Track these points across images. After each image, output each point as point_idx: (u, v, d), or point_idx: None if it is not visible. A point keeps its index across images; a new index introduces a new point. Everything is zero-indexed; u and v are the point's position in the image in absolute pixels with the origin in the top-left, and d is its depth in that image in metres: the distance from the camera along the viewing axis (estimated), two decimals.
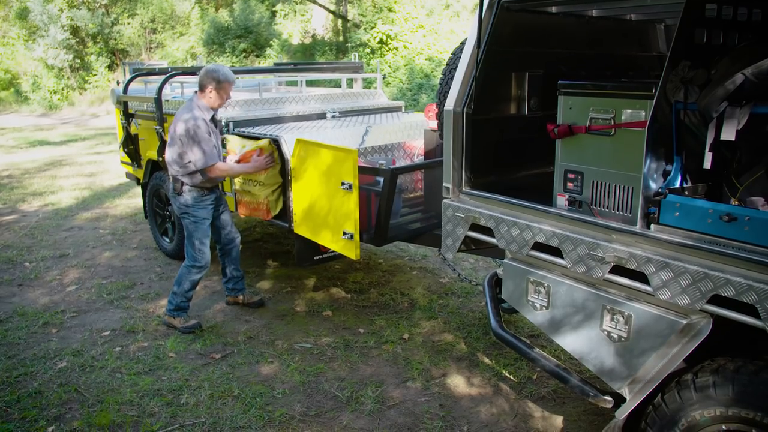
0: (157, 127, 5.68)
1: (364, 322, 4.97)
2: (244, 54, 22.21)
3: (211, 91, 4.45)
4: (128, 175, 7.36)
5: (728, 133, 2.29)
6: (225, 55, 22.19)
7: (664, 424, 2.51)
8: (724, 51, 2.54)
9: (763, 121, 2.29)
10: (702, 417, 2.39)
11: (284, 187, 4.78)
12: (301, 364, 4.31)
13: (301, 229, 4.64)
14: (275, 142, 4.71)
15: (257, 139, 4.86)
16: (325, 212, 4.32)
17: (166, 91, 6.03)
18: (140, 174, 6.70)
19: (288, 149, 4.62)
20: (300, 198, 4.57)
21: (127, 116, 6.48)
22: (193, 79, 6.00)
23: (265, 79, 7.69)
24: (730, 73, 2.27)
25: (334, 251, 4.57)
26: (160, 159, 5.82)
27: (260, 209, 4.98)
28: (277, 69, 7.39)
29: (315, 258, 4.84)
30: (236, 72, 5.38)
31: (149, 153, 6.29)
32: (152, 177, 6.45)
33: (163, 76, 5.86)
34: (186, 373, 4.21)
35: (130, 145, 6.56)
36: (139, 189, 7.26)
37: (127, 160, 6.84)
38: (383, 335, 4.71)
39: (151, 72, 7.19)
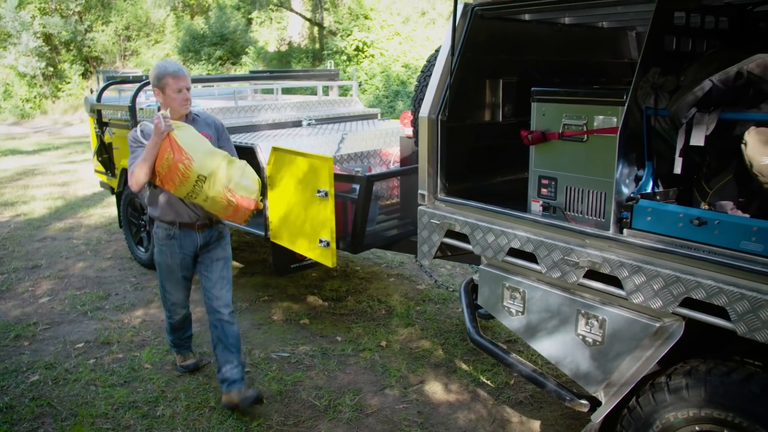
0: None
1: (341, 329, 4.95)
2: (220, 62, 22.12)
3: (157, 94, 3.68)
4: (102, 184, 7.27)
5: (697, 139, 2.32)
6: (201, 63, 22.09)
7: (639, 427, 2.54)
8: (692, 58, 2.58)
9: (730, 127, 2.32)
10: (676, 418, 2.42)
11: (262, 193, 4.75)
12: (278, 374, 4.28)
13: (277, 237, 4.62)
14: (251, 151, 4.69)
15: (239, 148, 4.81)
16: (301, 220, 4.30)
17: (141, 99, 5.99)
18: (114, 183, 6.62)
19: (263, 157, 4.61)
20: (276, 206, 4.55)
21: (101, 125, 6.42)
22: None
23: (240, 87, 7.67)
24: (698, 79, 2.31)
25: (310, 259, 4.56)
26: None
27: (231, 209, 3.67)
28: (252, 77, 7.38)
29: (291, 266, 4.83)
30: (211, 80, 5.37)
31: (124, 162, 6.21)
32: (127, 186, 6.37)
33: (138, 84, 5.82)
34: (162, 384, 4.17)
35: (104, 153, 6.49)
36: (113, 198, 7.17)
37: (102, 169, 6.75)
38: (361, 343, 4.70)
39: (125, 80, 7.13)
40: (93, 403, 3.95)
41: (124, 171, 6.30)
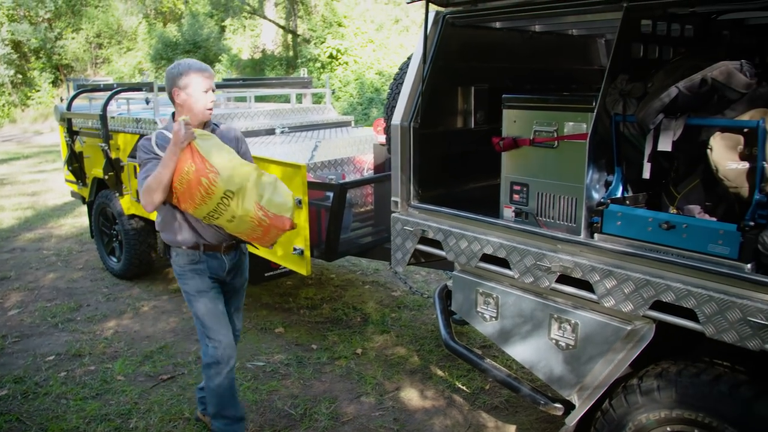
0: (103, 145, 5.56)
1: (316, 338, 4.94)
2: None
3: (176, 95, 3.10)
4: (73, 193, 7.17)
5: (665, 144, 2.36)
6: None
7: (613, 429, 2.57)
8: (659, 65, 2.63)
9: (697, 132, 2.37)
10: (648, 420, 2.45)
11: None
12: (253, 383, 4.25)
13: (251, 246, 4.58)
14: None
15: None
16: None
17: (112, 107, 5.92)
18: (86, 192, 6.54)
19: None
20: None
21: (72, 133, 6.33)
22: (140, 95, 5.91)
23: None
24: (665, 86, 2.35)
25: (284, 267, 4.54)
26: (106, 177, 5.70)
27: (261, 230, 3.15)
28: (225, 84, 7.33)
29: (266, 275, 4.80)
30: None
31: (95, 171, 6.14)
32: (98, 195, 6.31)
33: (109, 93, 5.75)
34: (135, 396, 4.11)
35: (75, 162, 6.40)
36: (84, 208, 7.07)
37: (72, 178, 6.66)
38: (336, 351, 4.69)
39: (96, 88, 7.05)
40: (64, 416, 3.88)
41: (96, 180, 6.23)
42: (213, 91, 3.16)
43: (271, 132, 5.78)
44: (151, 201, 3.00)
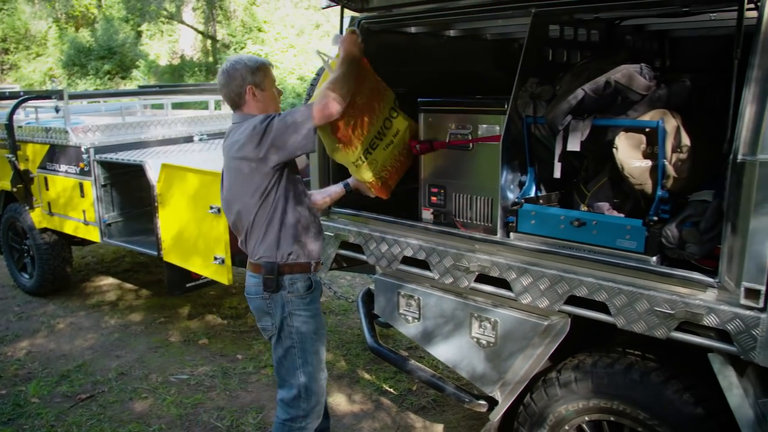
0: (10, 156, 5.32)
1: (242, 347, 4.85)
2: (108, 76, 21.27)
3: (252, 94, 2.72)
4: None
5: (573, 144, 2.45)
6: (88, 78, 21.15)
7: (535, 422, 2.64)
8: (567, 68, 2.72)
9: (603, 132, 2.46)
10: (567, 411, 2.53)
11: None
12: (177, 397, 4.14)
13: (170, 256, 4.48)
14: (139, 168, 4.54)
15: (128, 166, 4.62)
16: (195, 238, 4.20)
17: (19, 116, 5.66)
18: None
19: (153, 175, 4.46)
20: (168, 224, 4.42)
21: None
22: (49, 104, 5.65)
23: (129, 102, 7.40)
24: (572, 88, 2.43)
25: (206, 277, 4.45)
26: (15, 189, 5.44)
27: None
28: (141, 92, 7.15)
29: (187, 285, 4.69)
30: (97, 96, 5.15)
31: (2, 183, 5.85)
32: (6, 209, 6.01)
33: (15, 101, 5.50)
34: (51, 418, 3.93)
35: None
36: None
37: None
38: (262, 359, 4.62)
39: (2, 96, 6.72)
40: None
41: (3, 193, 5.94)
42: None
43: (189, 140, 5.67)
44: (343, 98, 2.58)
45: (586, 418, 2.51)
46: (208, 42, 22.23)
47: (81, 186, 5.15)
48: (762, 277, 1.93)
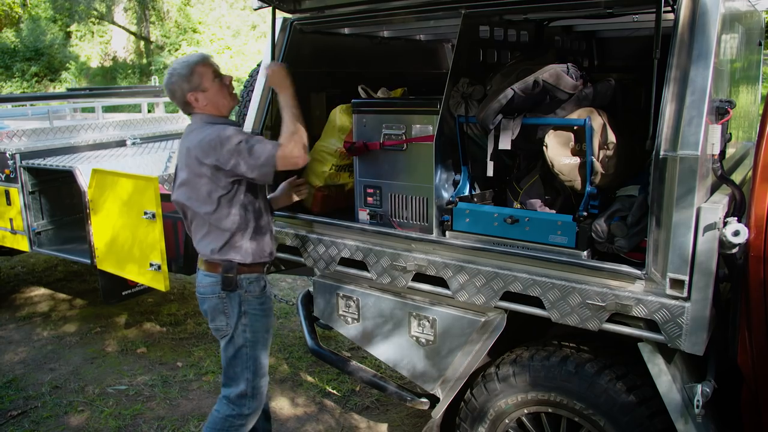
0: None
1: (181, 354, 4.76)
2: (36, 78, 20.52)
3: (195, 99, 2.70)
4: None
5: (505, 143, 2.49)
6: (14, 80, 20.35)
7: (475, 417, 2.67)
8: (497, 68, 2.77)
9: (533, 131, 2.52)
10: (507, 405, 2.57)
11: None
12: (115, 408, 4.03)
13: (104, 264, 4.35)
14: (69, 174, 4.39)
15: (57, 172, 4.46)
16: (129, 244, 4.09)
17: None
18: None
19: (84, 181, 4.32)
20: (101, 231, 4.29)
21: None
22: None
23: (57, 106, 7.15)
24: (502, 88, 2.48)
25: (142, 284, 4.35)
26: None
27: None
28: (70, 95, 6.92)
29: (123, 293, 4.56)
30: (23, 99, 4.96)
31: None
32: None
33: None
34: None
35: None
36: None
37: None
38: (203, 366, 4.54)
39: None
40: None
41: None
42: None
43: (121, 144, 5.51)
44: (294, 157, 2.57)
45: (526, 411, 2.56)
46: (142, 43, 21.69)
47: (7, 193, 4.95)
48: (685, 267, 2.01)
